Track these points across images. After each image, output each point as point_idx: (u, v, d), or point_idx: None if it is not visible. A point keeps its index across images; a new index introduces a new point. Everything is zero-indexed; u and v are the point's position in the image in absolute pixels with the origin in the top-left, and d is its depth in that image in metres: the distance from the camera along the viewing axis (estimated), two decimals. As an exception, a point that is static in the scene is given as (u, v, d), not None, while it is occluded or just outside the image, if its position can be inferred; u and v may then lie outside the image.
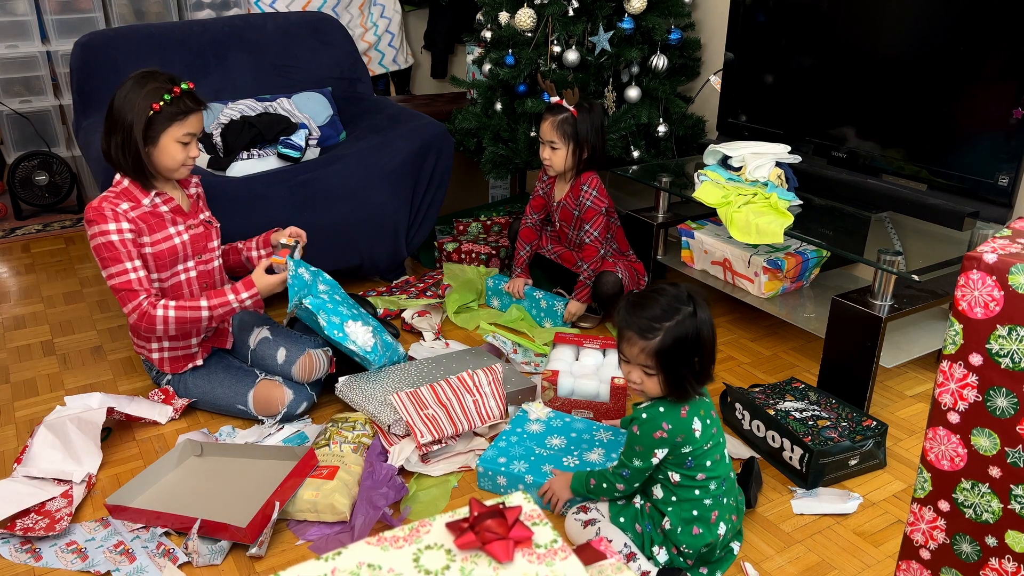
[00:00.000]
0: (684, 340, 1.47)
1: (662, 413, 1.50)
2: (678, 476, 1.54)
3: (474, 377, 2.01)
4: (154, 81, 1.91)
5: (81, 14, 3.55)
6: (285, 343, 2.12)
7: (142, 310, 1.94)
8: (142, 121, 1.89)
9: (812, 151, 2.52)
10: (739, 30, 2.68)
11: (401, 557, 0.93)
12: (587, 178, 2.45)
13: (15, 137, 3.60)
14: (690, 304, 1.48)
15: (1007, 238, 1.13)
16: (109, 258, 1.92)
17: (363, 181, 2.64)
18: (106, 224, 1.91)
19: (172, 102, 1.90)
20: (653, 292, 1.52)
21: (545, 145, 2.42)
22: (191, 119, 1.94)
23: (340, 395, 2.07)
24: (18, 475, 1.85)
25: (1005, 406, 1.11)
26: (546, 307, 2.57)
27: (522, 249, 2.66)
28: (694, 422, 1.51)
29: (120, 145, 1.92)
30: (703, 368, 1.51)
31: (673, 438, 1.50)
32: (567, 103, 2.36)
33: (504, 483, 1.82)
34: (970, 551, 1.21)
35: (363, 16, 4.04)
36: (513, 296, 2.62)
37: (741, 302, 2.55)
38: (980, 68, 2.05)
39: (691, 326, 1.47)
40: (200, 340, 2.14)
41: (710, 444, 1.54)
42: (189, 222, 2.08)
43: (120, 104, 1.91)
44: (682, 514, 1.54)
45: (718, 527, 1.55)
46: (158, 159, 1.95)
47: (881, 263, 1.99)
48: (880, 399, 2.22)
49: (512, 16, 2.78)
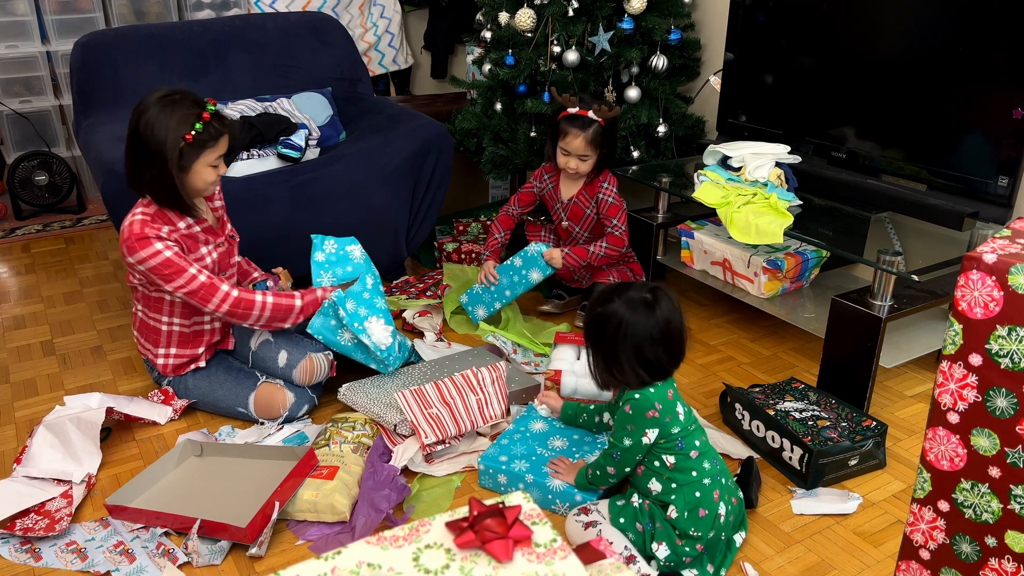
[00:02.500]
0: (606, 325, 1.54)
1: (653, 393, 1.56)
2: (673, 459, 1.57)
3: (478, 375, 2.01)
4: (181, 107, 1.84)
5: (81, 14, 3.55)
6: (287, 346, 2.12)
7: (234, 297, 1.95)
8: (176, 152, 1.84)
9: (812, 151, 2.52)
10: (739, 30, 2.68)
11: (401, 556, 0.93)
12: (606, 176, 2.43)
13: (15, 137, 3.60)
14: (648, 300, 1.54)
15: (1007, 238, 1.13)
16: (173, 272, 1.90)
17: (363, 181, 2.64)
18: (154, 245, 1.88)
19: (204, 129, 1.86)
20: (621, 283, 1.61)
21: (572, 157, 2.36)
22: (221, 142, 1.92)
23: (343, 400, 2.07)
24: (18, 475, 1.85)
25: (1005, 406, 1.11)
26: (521, 264, 2.44)
27: (497, 232, 2.57)
28: (678, 406, 1.59)
29: (155, 177, 1.87)
30: (662, 360, 1.55)
31: (663, 418, 1.55)
32: (595, 115, 2.30)
33: (505, 482, 1.82)
34: (970, 551, 1.21)
35: (363, 16, 4.04)
36: (489, 282, 2.48)
37: (741, 302, 2.55)
38: (980, 68, 2.05)
39: (624, 317, 1.53)
40: (208, 347, 2.14)
41: (694, 426, 1.60)
42: (218, 240, 2.08)
43: (147, 133, 1.83)
44: (686, 498, 1.56)
45: (719, 506, 1.57)
46: (190, 183, 1.92)
47: (881, 263, 1.99)
48: (880, 399, 2.22)
49: (512, 16, 2.78)
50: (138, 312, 2.09)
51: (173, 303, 2.03)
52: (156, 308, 2.04)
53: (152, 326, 2.07)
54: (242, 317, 1.98)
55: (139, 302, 2.07)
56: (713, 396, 2.22)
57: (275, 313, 2.01)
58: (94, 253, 3.25)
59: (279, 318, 2.02)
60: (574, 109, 2.32)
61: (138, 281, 2.00)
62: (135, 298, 2.08)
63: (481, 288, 2.51)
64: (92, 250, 3.28)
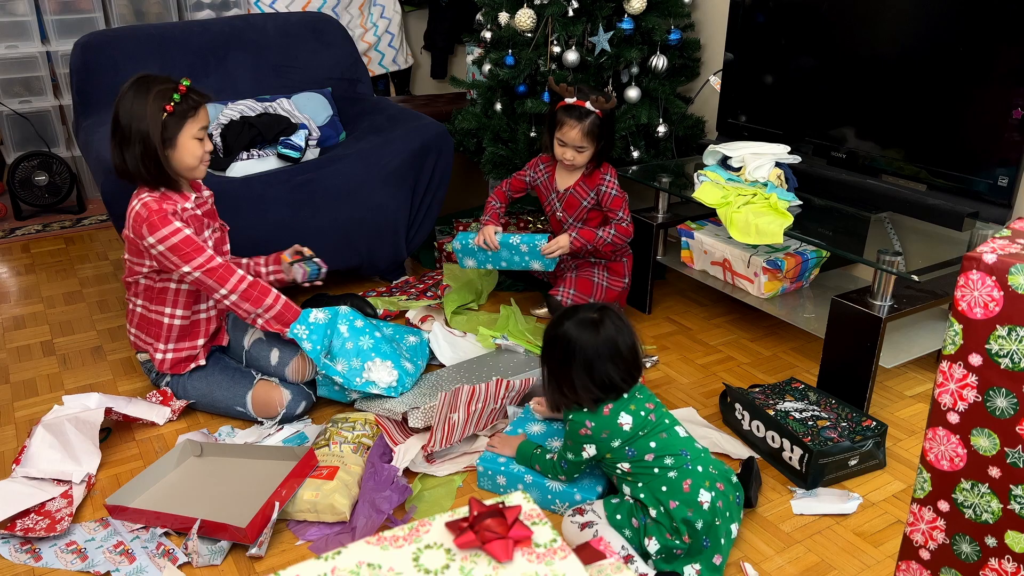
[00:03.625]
0: (556, 345, 1.64)
1: (584, 413, 1.63)
2: (627, 464, 1.61)
3: (509, 385, 2.00)
4: (156, 84, 1.89)
5: (81, 14, 3.55)
6: (278, 344, 2.13)
7: (250, 280, 1.97)
8: (157, 125, 1.87)
9: (812, 151, 2.52)
10: (739, 30, 2.68)
11: (401, 556, 0.93)
12: (607, 168, 2.41)
13: (15, 137, 3.61)
14: (594, 320, 1.62)
15: (1007, 238, 1.13)
16: (193, 250, 1.91)
17: (363, 181, 2.64)
18: (173, 223, 1.90)
19: (182, 100, 1.89)
20: (573, 306, 1.71)
21: (569, 148, 2.35)
22: (201, 112, 1.94)
23: (359, 405, 2.08)
24: (17, 475, 1.85)
25: (1005, 406, 1.11)
26: (528, 250, 2.42)
27: (494, 201, 2.54)
28: (620, 416, 1.61)
29: (139, 156, 1.88)
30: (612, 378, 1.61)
31: (597, 434, 1.61)
32: (592, 106, 2.28)
33: (504, 483, 1.82)
34: (970, 551, 1.21)
35: (363, 16, 4.04)
36: (488, 248, 2.44)
37: (741, 302, 2.55)
38: (980, 68, 2.05)
39: (573, 336, 1.61)
40: (206, 340, 2.14)
41: (645, 430, 1.62)
42: (214, 225, 2.09)
43: (127, 114, 1.87)
44: (655, 494, 1.57)
45: (697, 494, 1.56)
46: (178, 160, 1.93)
47: (881, 263, 1.99)
48: (880, 399, 2.22)
49: (512, 16, 2.78)
50: (137, 308, 2.09)
51: (177, 293, 2.03)
52: (159, 300, 2.04)
53: (153, 319, 2.06)
54: (255, 302, 1.98)
55: (139, 296, 2.06)
56: (713, 396, 2.22)
57: (283, 310, 2.01)
58: (94, 253, 3.25)
59: (279, 315, 2.02)
60: (571, 100, 2.30)
61: (148, 269, 1.99)
62: (132, 294, 2.07)
63: (478, 248, 2.47)
64: (92, 250, 3.28)
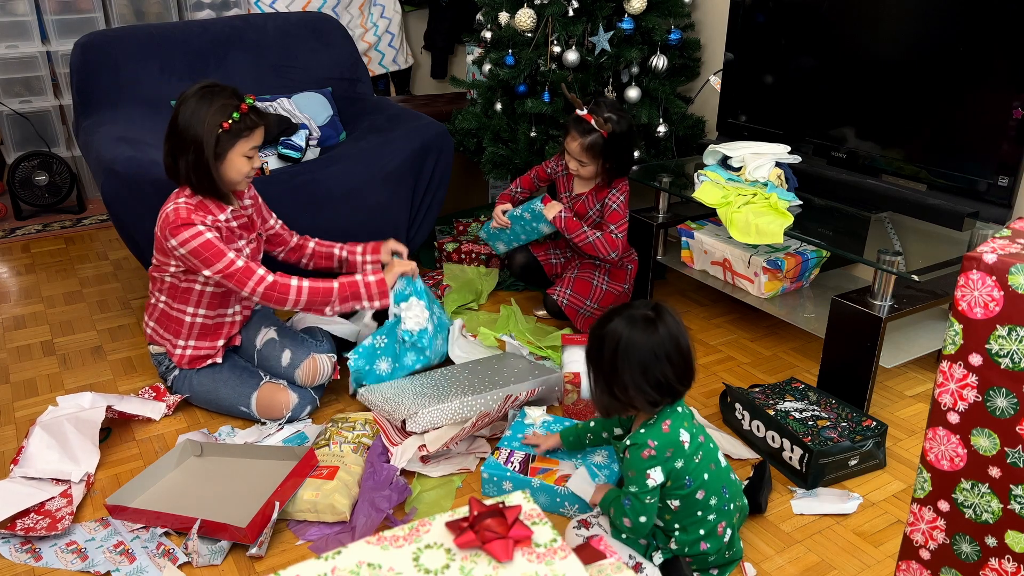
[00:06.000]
0: (606, 345, 1.48)
1: (644, 433, 1.49)
2: (677, 502, 1.51)
3: (515, 400, 2.00)
4: (220, 97, 1.90)
5: (81, 14, 3.55)
6: (291, 345, 2.12)
7: (268, 282, 1.96)
8: (212, 138, 1.89)
9: (812, 151, 2.52)
10: (739, 30, 2.68)
11: (401, 556, 0.93)
12: (618, 184, 2.42)
13: (15, 137, 3.60)
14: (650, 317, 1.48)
15: (1007, 238, 1.13)
16: (212, 255, 1.92)
17: (363, 181, 2.64)
18: (197, 226, 1.91)
19: (241, 119, 1.91)
20: (621, 304, 1.55)
21: (572, 158, 2.37)
22: (256, 134, 1.97)
23: (361, 399, 2.09)
24: (15, 476, 1.85)
25: (1005, 406, 1.11)
26: (531, 216, 2.48)
27: (515, 185, 2.63)
28: (680, 434, 1.49)
29: (191, 164, 1.91)
30: (669, 379, 1.48)
31: (662, 454, 1.47)
32: (597, 126, 2.28)
33: (510, 488, 1.81)
34: (970, 551, 1.21)
35: (363, 16, 4.04)
36: (501, 226, 2.56)
37: (741, 302, 2.55)
38: (980, 68, 2.05)
39: (625, 335, 1.46)
40: (226, 341, 2.14)
41: (700, 455, 1.51)
42: (250, 236, 2.10)
43: (186, 121, 1.89)
44: (688, 538, 1.54)
45: (727, 534, 1.56)
46: (225, 173, 1.96)
47: (881, 263, 1.99)
48: (880, 399, 2.22)
49: (512, 16, 2.78)
50: (159, 304, 2.09)
51: (201, 294, 2.04)
52: (183, 299, 2.05)
53: (175, 317, 2.07)
54: (278, 301, 1.98)
55: (163, 293, 2.07)
56: (713, 396, 2.22)
57: (312, 297, 2.00)
58: (94, 253, 3.25)
59: (318, 302, 2.01)
60: (582, 112, 2.32)
61: (174, 269, 2.00)
62: (157, 289, 2.08)
63: (497, 229, 2.59)
64: (92, 250, 3.28)
